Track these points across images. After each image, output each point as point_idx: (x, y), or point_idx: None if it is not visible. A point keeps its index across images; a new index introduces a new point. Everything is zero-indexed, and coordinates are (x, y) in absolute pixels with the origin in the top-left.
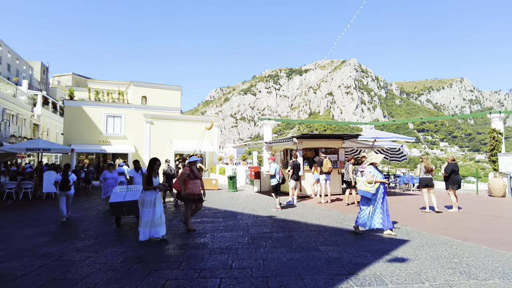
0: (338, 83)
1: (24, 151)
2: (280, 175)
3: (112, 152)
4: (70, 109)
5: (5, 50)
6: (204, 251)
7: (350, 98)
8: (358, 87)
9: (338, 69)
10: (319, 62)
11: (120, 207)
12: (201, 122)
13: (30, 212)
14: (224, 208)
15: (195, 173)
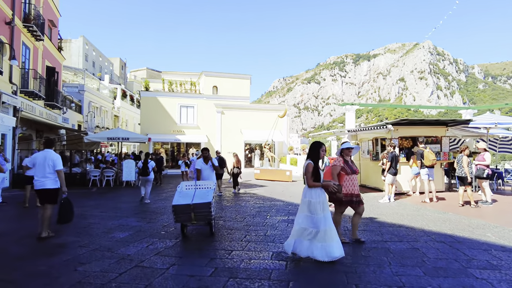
0: (410, 68)
1: (105, 140)
2: None
3: (186, 141)
4: (146, 100)
5: (91, 48)
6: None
7: (424, 84)
8: (433, 72)
9: (410, 52)
10: (389, 46)
11: (186, 212)
12: (271, 111)
13: (111, 200)
14: None
15: (351, 166)
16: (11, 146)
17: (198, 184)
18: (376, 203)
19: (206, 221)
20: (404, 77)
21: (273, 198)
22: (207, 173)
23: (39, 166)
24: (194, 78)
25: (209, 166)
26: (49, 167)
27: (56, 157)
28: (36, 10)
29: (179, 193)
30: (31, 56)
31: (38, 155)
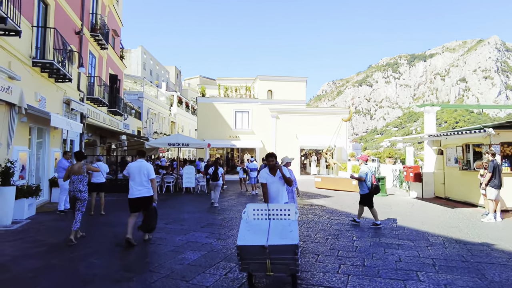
0: (473, 67)
1: (166, 146)
2: (373, 182)
3: (241, 147)
4: (203, 106)
5: (148, 57)
6: None
7: (489, 84)
8: (501, 70)
9: (472, 50)
10: (447, 44)
11: (259, 258)
12: (329, 114)
13: (174, 209)
14: (399, 224)
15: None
16: None
17: (271, 209)
18: (477, 222)
19: (289, 273)
20: (466, 77)
21: (348, 213)
22: (276, 188)
23: (134, 176)
24: (249, 83)
25: (278, 178)
26: (144, 176)
27: (150, 166)
28: (102, 20)
29: (246, 224)
30: (97, 64)
31: (133, 165)
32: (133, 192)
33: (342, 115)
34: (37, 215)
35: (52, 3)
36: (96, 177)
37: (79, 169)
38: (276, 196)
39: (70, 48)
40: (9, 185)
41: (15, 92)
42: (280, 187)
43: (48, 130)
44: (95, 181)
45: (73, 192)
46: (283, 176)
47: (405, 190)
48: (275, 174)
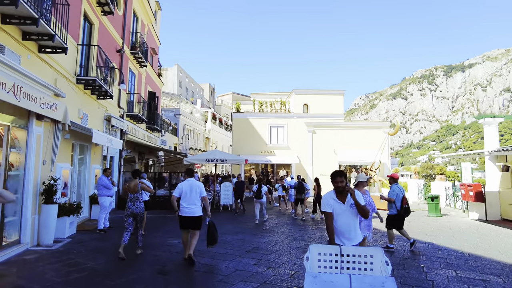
0: None
1: (204, 162)
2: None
3: (276, 162)
4: (238, 121)
5: (184, 75)
6: None
7: None
8: None
9: None
10: (488, 53)
11: None
12: (369, 128)
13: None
14: (471, 251)
15: None
16: (117, 168)
17: (345, 253)
18: None
19: None
20: (511, 87)
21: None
22: (346, 221)
23: (186, 195)
24: (284, 97)
25: (349, 206)
26: (197, 195)
27: (201, 184)
28: (141, 38)
29: (313, 282)
30: (136, 82)
31: (184, 184)
32: (185, 210)
33: (383, 129)
34: (78, 234)
35: (97, 23)
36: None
37: (134, 187)
38: (347, 231)
39: (112, 66)
40: (52, 203)
41: (60, 109)
42: (353, 218)
43: (89, 146)
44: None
45: (130, 209)
46: (356, 204)
47: (462, 210)
48: (345, 201)
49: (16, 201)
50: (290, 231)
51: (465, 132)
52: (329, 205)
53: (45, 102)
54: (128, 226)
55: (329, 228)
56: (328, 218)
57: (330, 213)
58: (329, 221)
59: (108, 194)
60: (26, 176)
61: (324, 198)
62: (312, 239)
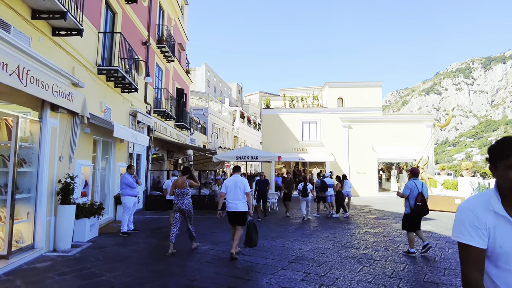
0: None
1: (234, 160)
2: (417, 201)
3: (309, 160)
4: (267, 118)
5: (212, 75)
6: None
7: None
8: None
9: None
10: None
11: None
12: (410, 122)
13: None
14: None
15: None
16: (145, 166)
17: None
18: None
19: None
20: None
21: None
22: None
23: (231, 190)
24: (316, 92)
25: None
26: (240, 190)
27: (245, 180)
28: (168, 31)
29: None
30: (163, 77)
31: (229, 180)
32: (230, 206)
33: (425, 122)
34: (99, 237)
35: (120, 12)
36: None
37: (182, 182)
38: None
39: (137, 57)
40: (70, 203)
41: (77, 100)
42: None
43: (113, 143)
44: (170, 198)
45: (178, 204)
46: None
47: None
48: None
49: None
50: (335, 236)
51: (508, 128)
52: (479, 230)
53: (59, 90)
54: (175, 221)
55: None
56: (470, 261)
57: (479, 250)
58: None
59: (132, 193)
60: (40, 173)
61: (464, 213)
62: (364, 246)
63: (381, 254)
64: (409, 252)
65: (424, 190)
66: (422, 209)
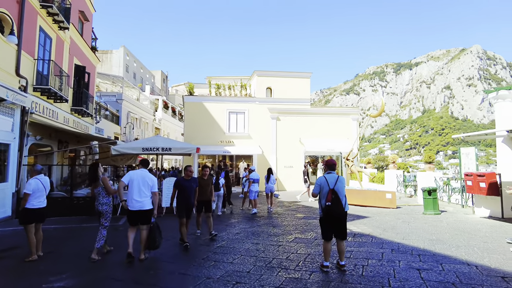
0: (457, 75)
1: (139, 152)
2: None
3: (236, 154)
4: (190, 106)
5: (132, 59)
6: None
7: (473, 91)
8: (483, 78)
9: (456, 59)
10: (432, 53)
11: None
12: (338, 115)
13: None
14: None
15: None
16: (16, 160)
17: None
18: None
19: None
20: (450, 85)
21: (414, 247)
22: None
23: (136, 186)
24: (245, 81)
25: None
26: (148, 188)
27: (154, 178)
28: None
29: None
30: (53, 48)
31: (135, 173)
32: (133, 204)
33: (352, 116)
34: None
35: None
36: (36, 198)
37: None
38: None
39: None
40: None
41: None
42: None
43: None
44: (32, 205)
45: (96, 205)
46: None
47: (461, 205)
48: None
49: None
50: (258, 247)
51: (412, 126)
52: None
53: None
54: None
55: None
56: None
57: None
58: None
59: None
60: None
61: None
62: (296, 263)
63: (318, 279)
64: (322, 266)
65: (339, 185)
66: (334, 209)
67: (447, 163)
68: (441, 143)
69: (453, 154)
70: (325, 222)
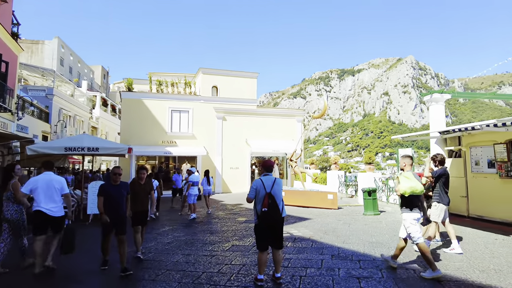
0: (394, 82)
1: (62, 151)
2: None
3: (179, 154)
4: (129, 103)
5: (68, 52)
6: None
7: (407, 98)
8: (416, 86)
9: (393, 67)
10: (372, 61)
11: None
12: (284, 116)
13: (68, 257)
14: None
15: None
16: None
17: None
18: None
19: None
20: (388, 91)
21: (355, 252)
22: None
23: (41, 191)
24: (190, 79)
25: None
26: (56, 192)
27: (62, 179)
28: None
29: None
30: None
31: (39, 179)
32: (46, 212)
33: (297, 117)
34: None
35: None
36: None
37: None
38: None
39: None
40: None
41: None
42: None
43: None
44: None
45: (4, 212)
46: None
47: (399, 205)
48: None
49: None
50: (188, 260)
51: (353, 129)
52: None
53: None
54: (4, 233)
55: None
56: None
57: None
58: None
59: None
60: None
61: None
62: (228, 276)
63: None
64: (256, 279)
65: (276, 188)
66: (270, 215)
67: (385, 164)
68: (379, 145)
69: (390, 156)
70: (260, 230)
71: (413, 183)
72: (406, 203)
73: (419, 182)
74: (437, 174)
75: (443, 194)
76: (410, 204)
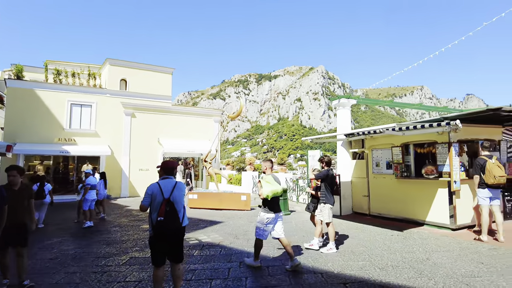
0: (306, 90)
1: None
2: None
3: (78, 154)
4: (17, 93)
5: None
6: None
7: (317, 104)
8: (325, 94)
9: (306, 75)
10: (288, 68)
11: None
12: (200, 116)
13: None
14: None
15: None
16: None
17: None
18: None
19: None
20: (301, 97)
21: (276, 260)
22: None
23: None
24: (94, 70)
25: None
26: None
27: None
28: None
29: None
30: None
31: None
32: None
33: (214, 117)
34: None
35: None
36: None
37: None
38: None
39: None
40: None
41: None
42: None
43: None
44: None
45: None
46: None
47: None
48: None
49: None
50: (72, 279)
51: (269, 132)
52: None
53: None
54: None
55: None
56: None
57: None
58: None
59: None
60: None
61: None
62: None
63: None
64: None
65: (176, 194)
66: (167, 225)
67: (296, 165)
68: (292, 147)
69: (301, 157)
70: (155, 243)
71: (274, 187)
72: (269, 207)
73: (278, 185)
74: (320, 176)
75: (329, 195)
76: (272, 208)
